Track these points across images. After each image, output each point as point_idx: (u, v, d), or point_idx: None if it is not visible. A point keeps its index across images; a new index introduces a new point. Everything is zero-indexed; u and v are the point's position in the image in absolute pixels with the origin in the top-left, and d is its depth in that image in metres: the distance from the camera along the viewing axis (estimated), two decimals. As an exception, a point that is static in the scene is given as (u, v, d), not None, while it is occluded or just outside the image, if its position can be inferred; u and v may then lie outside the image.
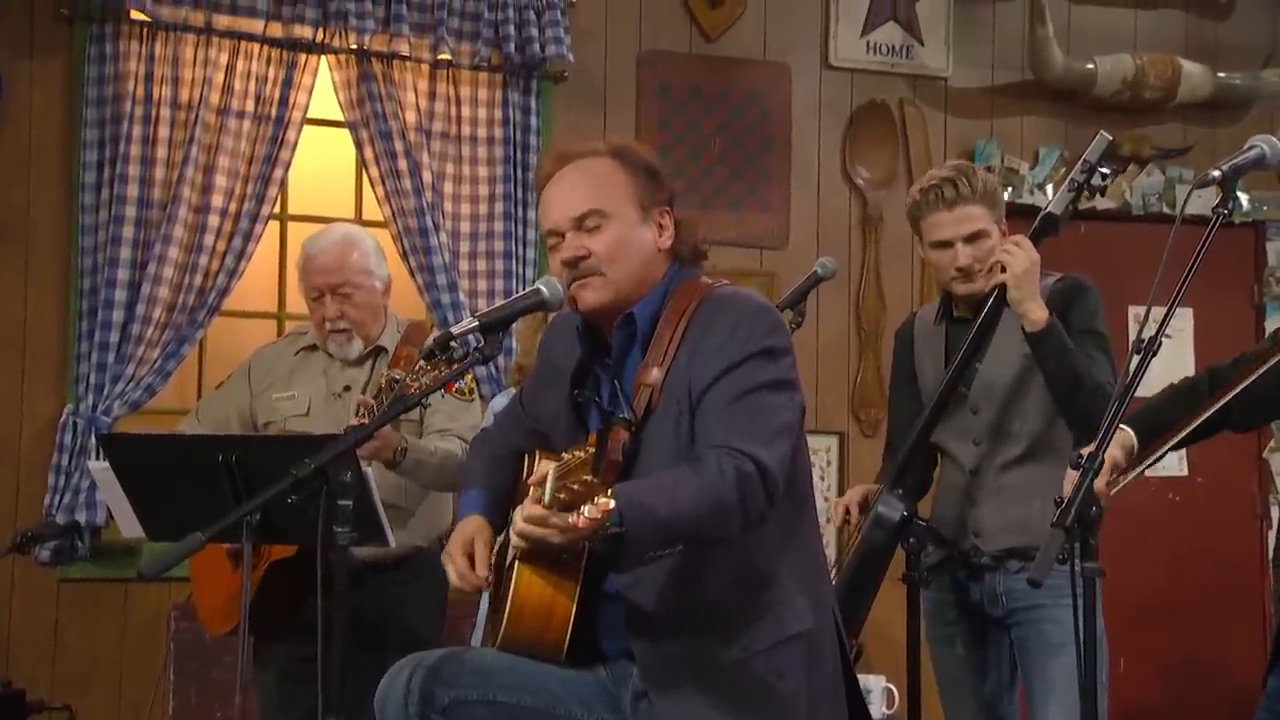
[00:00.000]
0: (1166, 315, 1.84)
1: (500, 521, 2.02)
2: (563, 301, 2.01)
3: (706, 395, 1.84)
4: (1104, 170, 2.48)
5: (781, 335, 1.89)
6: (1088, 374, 2.41)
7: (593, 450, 1.74)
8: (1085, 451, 1.83)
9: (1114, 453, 2.01)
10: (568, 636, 1.87)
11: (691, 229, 1.98)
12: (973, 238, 2.50)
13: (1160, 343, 1.83)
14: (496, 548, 2.01)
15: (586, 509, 1.62)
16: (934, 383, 2.60)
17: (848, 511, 2.61)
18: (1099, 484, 1.89)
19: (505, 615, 1.87)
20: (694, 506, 1.74)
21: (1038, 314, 2.42)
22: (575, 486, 1.68)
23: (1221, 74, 4.46)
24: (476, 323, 1.90)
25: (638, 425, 1.85)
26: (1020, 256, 2.43)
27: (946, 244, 2.52)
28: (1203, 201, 2.00)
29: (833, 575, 2.53)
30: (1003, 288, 2.44)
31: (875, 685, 3.70)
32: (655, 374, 1.87)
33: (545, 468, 1.77)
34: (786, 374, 1.87)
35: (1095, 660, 1.74)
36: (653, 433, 1.87)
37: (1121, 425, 2.08)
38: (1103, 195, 2.56)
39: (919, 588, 2.53)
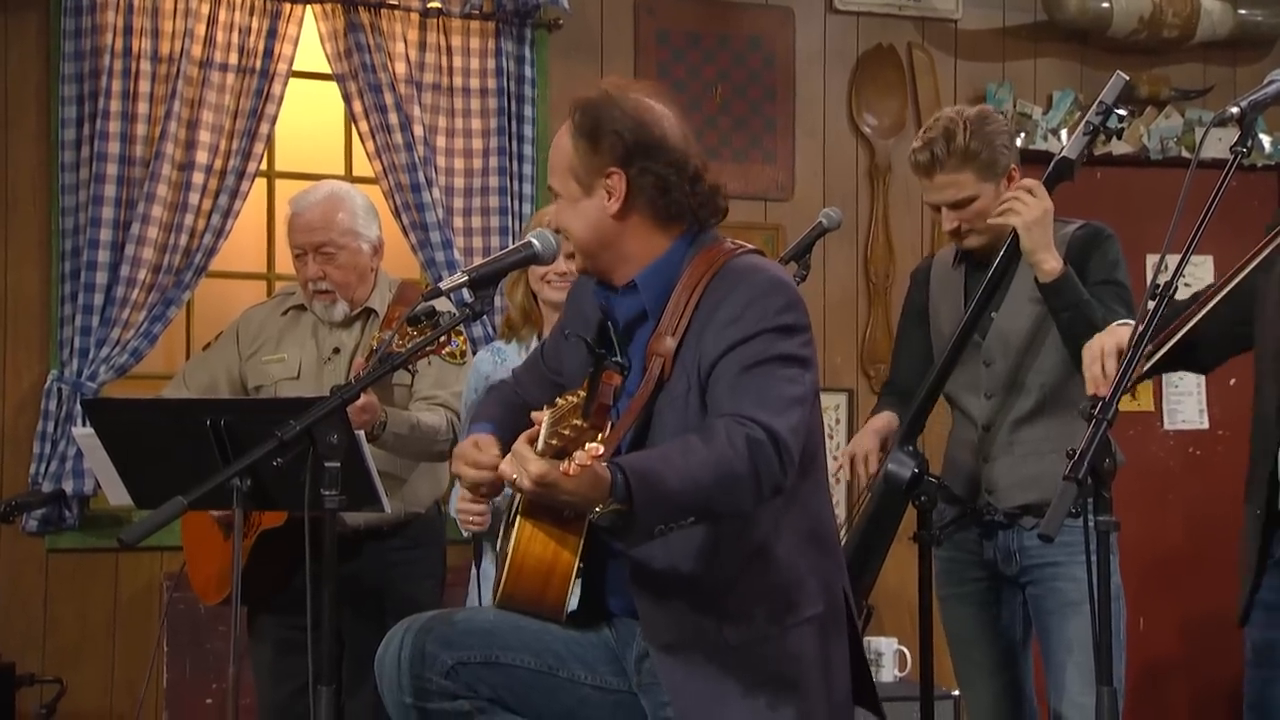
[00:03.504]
0: (1182, 260, 1.78)
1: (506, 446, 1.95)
2: (555, 254, 1.96)
3: (717, 367, 1.78)
4: (1120, 112, 2.42)
5: (797, 312, 1.82)
6: (1104, 326, 2.32)
7: (585, 394, 1.66)
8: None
9: (1126, 335, 1.93)
10: (568, 596, 1.83)
11: (662, 185, 1.85)
12: (957, 204, 2.46)
13: (1176, 288, 1.77)
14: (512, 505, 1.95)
15: (577, 455, 1.55)
16: (950, 326, 2.53)
17: (867, 463, 2.52)
18: (1105, 369, 1.85)
19: (504, 571, 1.83)
20: (703, 476, 1.68)
21: (1050, 264, 2.36)
22: (566, 431, 1.62)
23: (1243, 10, 4.31)
24: (466, 277, 1.87)
25: (642, 381, 1.79)
26: (1031, 204, 2.36)
27: (935, 207, 2.51)
28: (1222, 145, 1.91)
29: (842, 535, 2.46)
30: (1016, 235, 2.38)
31: (887, 648, 3.66)
32: (668, 343, 1.82)
33: (540, 415, 1.70)
34: (800, 350, 1.80)
35: (1110, 615, 1.68)
36: (664, 403, 1.82)
37: (1124, 321, 2.03)
38: (1119, 138, 2.49)
39: (931, 547, 2.45)
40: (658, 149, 1.84)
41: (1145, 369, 1.90)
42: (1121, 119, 2.41)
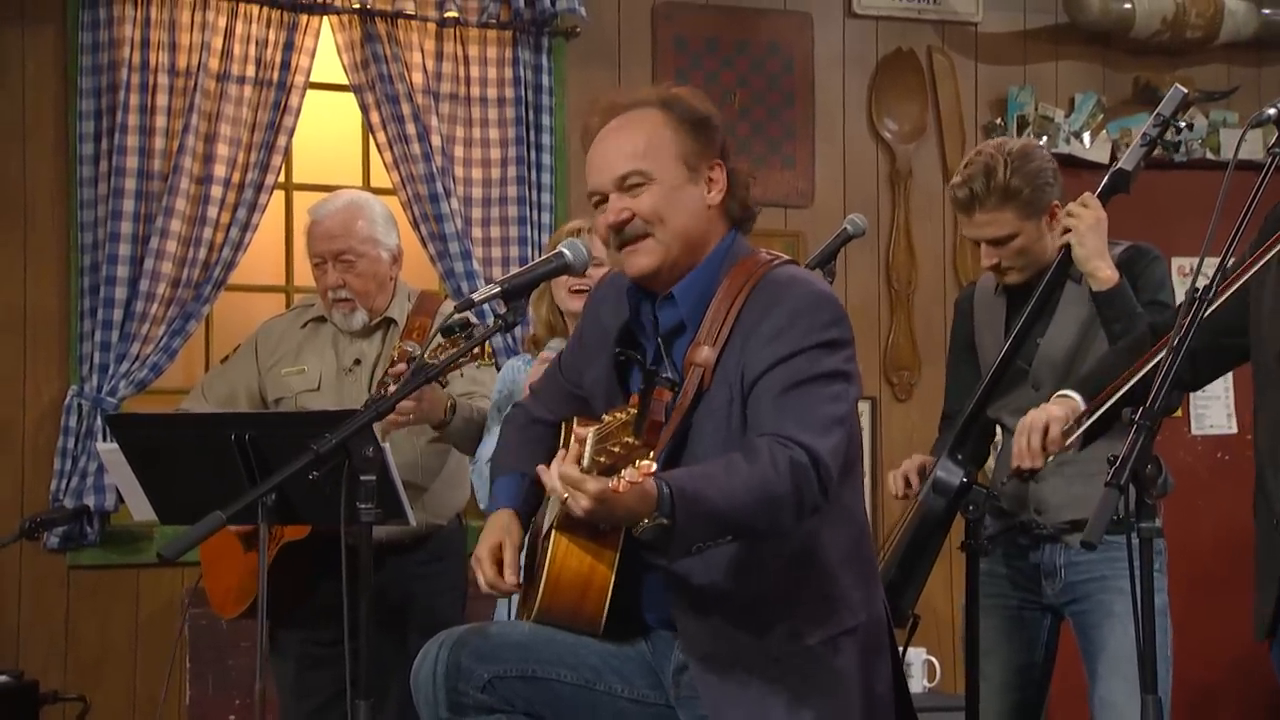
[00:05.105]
0: (1221, 264, 1.77)
1: (532, 508, 1.96)
2: (587, 264, 1.94)
3: (760, 382, 1.76)
4: (1179, 124, 2.41)
5: (842, 326, 1.81)
6: (1151, 342, 2.30)
7: (634, 411, 1.63)
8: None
9: (1056, 411, 2.04)
10: (605, 609, 1.81)
11: (745, 182, 1.89)
12: (997, 241, 2.43)
13: (1215, 291, 1.75)
14: (530, 531, 1.94)
15: (627, 472, 1.53)
16: (994, 356, 2.51)
17: (907, 482, 2.49)
18: (1054, 432, 1.99)
19: (541, 585, 1.81)
20: (746, 497, 1.67)
21: (1105, 272, 2.34)
22: (615, 449, 1.60)
23: (1267, 10, 4.28)
24: (498, 289, 1.86)
25: (685, 398, 1.77)
26: (1086, 215, 2.36)
27: (975, 241, 2.49)
28: (1249, 146, 1.90)
29: (887, 547, 2.44)
30: (1068, 249, 2.36)
31: (916, 658, 3.62)
32: (707, 353, 1.79)
33: (582, 433, 1.67)
34: (844, 366, 1.79)
35: (1154, 621, 1.66)
36: (703, 415, 1.80)
37: (1065, 392, 2.08)
38: (1177, 150, 2.48)
39: (978, 557, 2.41)
40: (730, 149, 1.88)
41: (1093, 420, 1.98)
42: (1179, 131, 2.41)
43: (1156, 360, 1.91)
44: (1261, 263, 1.88)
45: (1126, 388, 1.98)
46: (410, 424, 2.57)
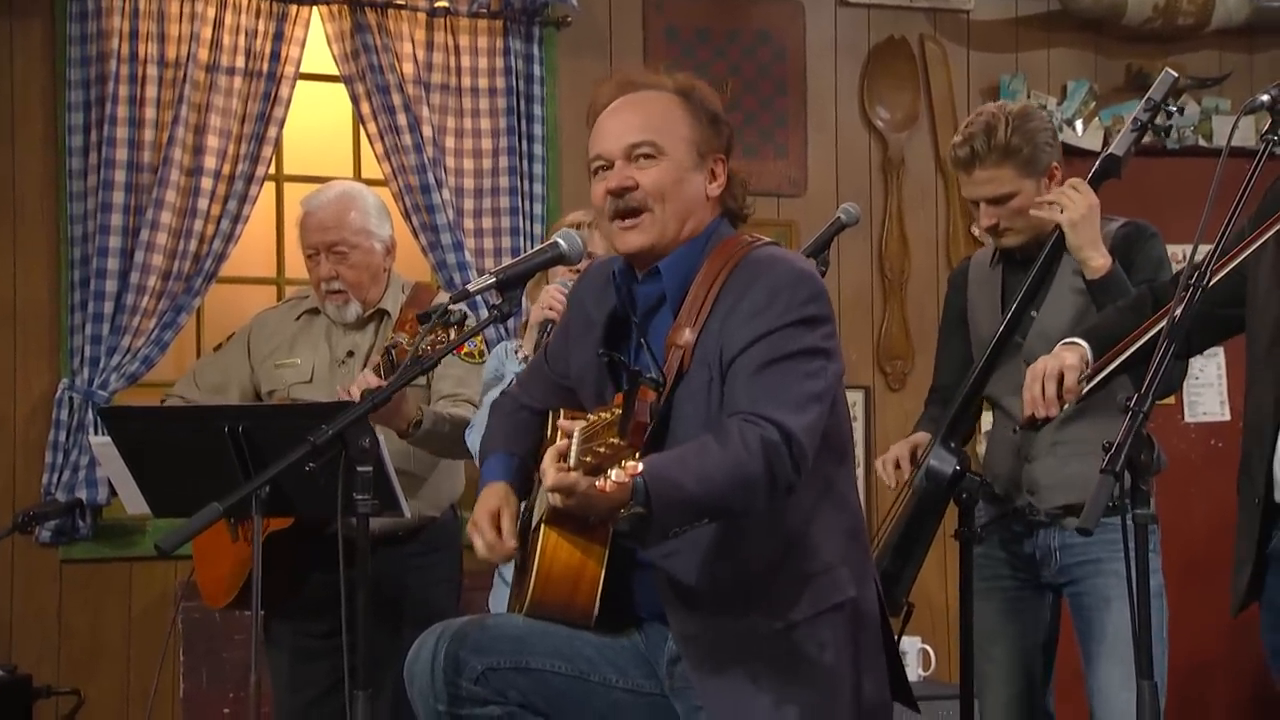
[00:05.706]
0: (1214, 251, 1.79)
1: (523, 487, 1.96)
2: (581, 254, 1.94)
3: (737, 360, 1.77)
4: (1170, 108, 2.42)
5: (822, 303, 1.81)
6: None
7: (619, 411, 1.64)
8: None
9: (1070, 359, 2.02)
10: (597, 601, 1.82)
11: (743, 184, 1.92)
12: (996, 200, 2.43)
13: (1208, 279, 1.76)
14: (521, 513, 1.94)
15: (614, 473, 1.54)
16: (988, 329, 2.51)
17: (898, 465, 2.49)
18: (1070, 380, 1.96)
19: (532, 580, 1.82)
20: (720, 480, 1.68)
21: (1098, 260, 2.34)
22: (601, 449, 1.60)
23: (1258, -3, 4.28)
24: (493, 279, 1.87)
25: (666, 386, 1.78)
26: (1078, 201, 2.35)
27: (974, 202, 2.48)
28: (1241, 134, 1.91)
29: (881, 535, 2.44)
30: (1061, 231, 2.37)
31: (911, 647, 3.63)
32: (687, 335, 1.80)
33: (569, 427, 1.68)
34: (823, 343, 1.79)
35: (1149, 609, 1.67)
36: (683, 396, 1.80)
37: (1073, 339, 2.07)
38: (1168, 135, 2.49)
39: (972, 545, 2.41)
40: (735, 150, 1.91)
41: (1109, 371, 1.98)
42: (1170, 115, 2.42)
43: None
44: (1260, 241, 1.88)
45: (1139, 344, 1.97)
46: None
